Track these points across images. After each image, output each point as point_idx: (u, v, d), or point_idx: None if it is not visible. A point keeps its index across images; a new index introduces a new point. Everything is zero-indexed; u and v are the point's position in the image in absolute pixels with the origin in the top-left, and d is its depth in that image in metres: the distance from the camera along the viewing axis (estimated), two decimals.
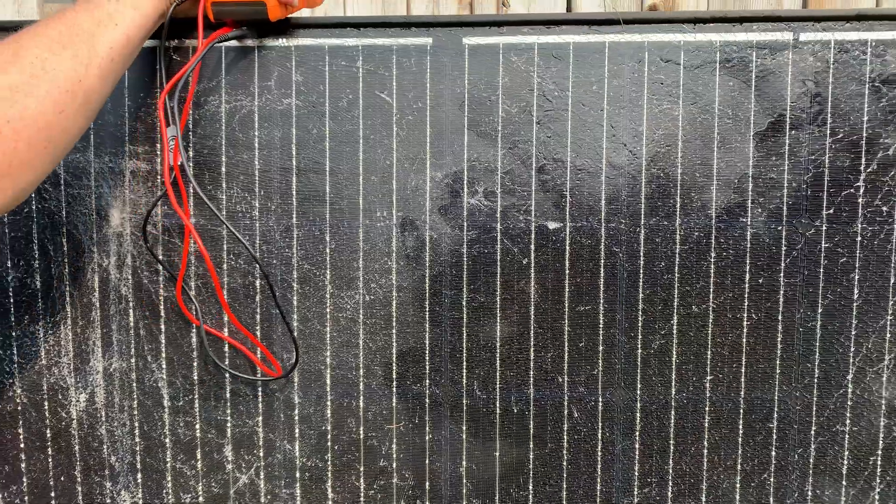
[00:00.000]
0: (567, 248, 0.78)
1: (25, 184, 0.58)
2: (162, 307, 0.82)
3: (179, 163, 0.76)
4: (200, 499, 0.84)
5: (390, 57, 0.78)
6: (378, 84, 0.79)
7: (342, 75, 0.79)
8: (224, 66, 0.79)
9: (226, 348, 0.82)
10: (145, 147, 0.81)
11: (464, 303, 0.80)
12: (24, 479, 0.86)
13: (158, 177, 0.81)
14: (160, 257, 0.81)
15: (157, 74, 0.79)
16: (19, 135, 0.55)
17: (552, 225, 0.78)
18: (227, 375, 0.82)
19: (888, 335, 0.78)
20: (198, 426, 0.83)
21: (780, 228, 0.77)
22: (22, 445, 0.86)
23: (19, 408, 0.85)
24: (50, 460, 0.86)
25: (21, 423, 0.85)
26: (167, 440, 0.84)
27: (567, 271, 0.79)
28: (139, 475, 0.85)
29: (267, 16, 0.74)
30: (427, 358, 0.81)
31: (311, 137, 0.79)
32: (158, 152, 0.80)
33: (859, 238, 0.77)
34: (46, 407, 0.85)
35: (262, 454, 0.83)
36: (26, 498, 0.86)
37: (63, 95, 0.58)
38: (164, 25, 0.73)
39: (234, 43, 0.79)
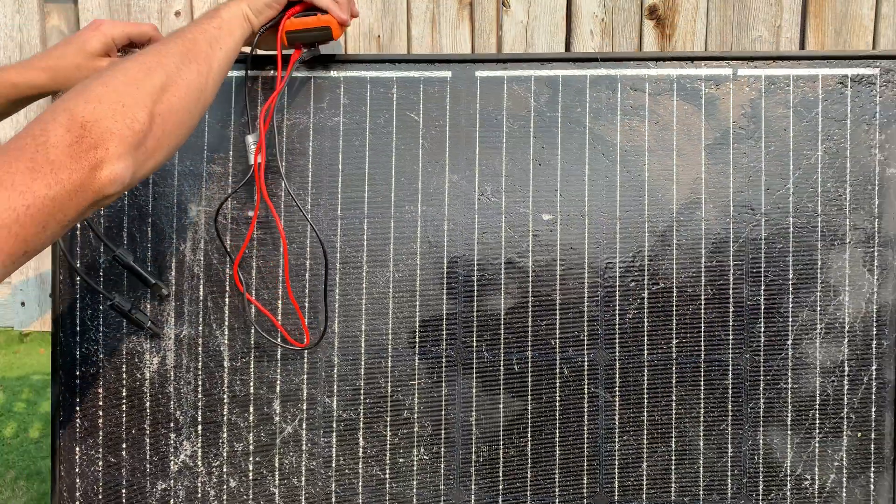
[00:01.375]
0: (558, 235, 0.98)
1: (162, 161, 0.76)
2: (227, 284, 1.00)
3: (259, 162, 0.95)
4: (251, 447, 1.00)
5: (418, 86, 0.99)
6: (408, 106, 0.99)
7: (380, 99, 1.00)
8: (286, 91, 1.00)
9: (279, 317, 1.00)
10: (219, 154, 1.01)
11: (475, 280, 0.98)
12: (100, 433, 1.02)
13: (230, 178, 1.00)
14: (227, 242, 1.00)
15: (237, 97, 0.99)
16: (166, 123, 0.74)
17: (546, 216, 0.98)
18: (279, 339, 0.99)
19: (818, 308, 0.96)
20: (252, 384, 1.00)
21: (728, 220, 0.96)
22: (101, 403, 1.02)
23: (100, 370, 1.02)
24: (123, 416, 1.02)
25: (101, 383, 1.02)
26: (225, 396, 1.00)
27: (558, 254, 0.97)
28: (199, 427, 1.00)
29: (332, 36, 0.94)
30: (444, 325, 0.98)
31: (354, 147, 1.00)
32: (231, 158, 1.00)
33: (791, 229, 0.96)
34: (124, 369, 1.02)
35: (305, 407, 0.99)
36: (101, 450, 1.02)
37: (191, 98, 0.77)
38: (250, 54, 0.94)
39: (295, 73, 1.00)
